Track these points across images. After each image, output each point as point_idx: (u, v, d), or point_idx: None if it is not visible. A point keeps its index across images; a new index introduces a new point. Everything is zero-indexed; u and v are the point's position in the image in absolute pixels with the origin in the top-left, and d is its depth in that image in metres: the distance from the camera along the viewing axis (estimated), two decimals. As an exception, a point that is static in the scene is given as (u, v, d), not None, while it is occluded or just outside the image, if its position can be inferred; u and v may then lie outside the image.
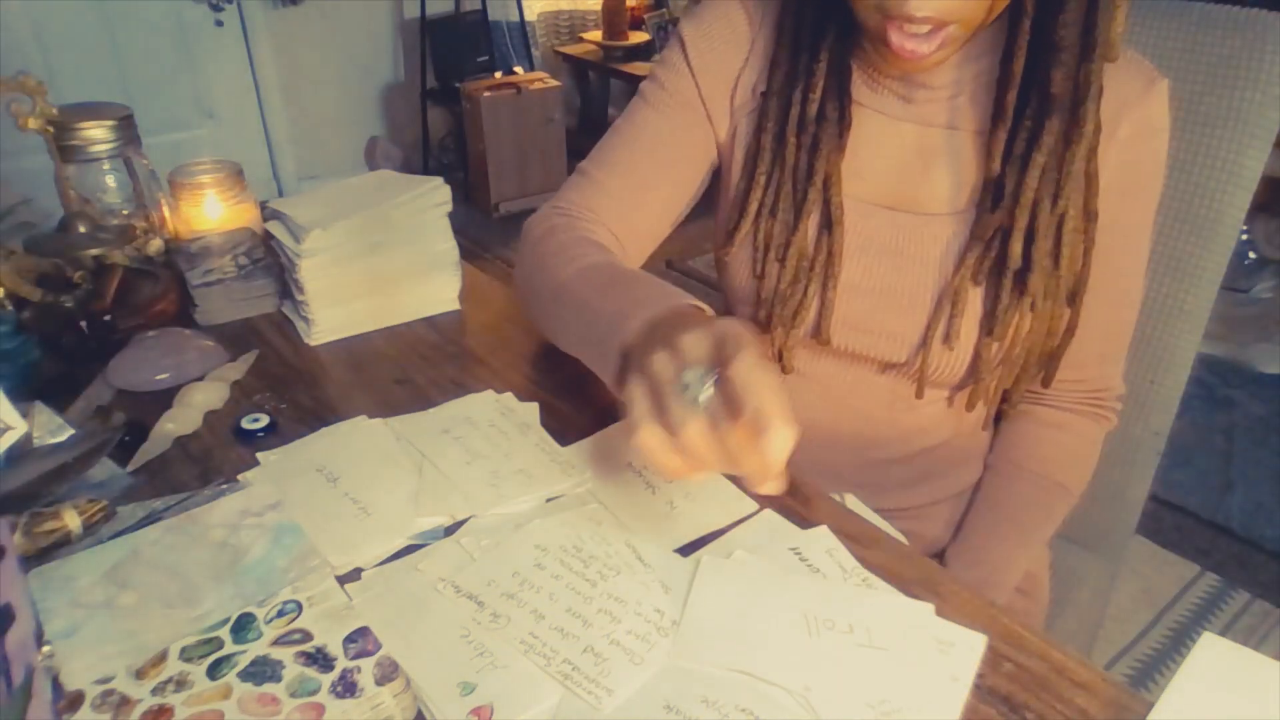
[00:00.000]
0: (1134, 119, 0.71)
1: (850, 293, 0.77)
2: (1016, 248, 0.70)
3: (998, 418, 0.88)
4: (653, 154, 0.81)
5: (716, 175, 0.85)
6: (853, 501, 0.77)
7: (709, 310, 0.60)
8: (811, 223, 0.76)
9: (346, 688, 0.51)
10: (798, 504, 0.66)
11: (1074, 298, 0.74)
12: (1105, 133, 0.69)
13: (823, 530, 0.63)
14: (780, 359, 0.81)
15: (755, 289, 0.80)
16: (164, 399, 0.77)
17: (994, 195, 0.71)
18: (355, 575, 0.60)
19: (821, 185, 0.75)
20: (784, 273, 0.77)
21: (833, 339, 0.78)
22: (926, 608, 0.56)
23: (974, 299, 0.73)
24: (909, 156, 0.75)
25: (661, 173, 0.81)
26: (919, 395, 0.79)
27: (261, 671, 0.52)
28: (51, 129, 0.95)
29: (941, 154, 0.74)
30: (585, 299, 0.68)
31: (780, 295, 0.78)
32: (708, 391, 0.50)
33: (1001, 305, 0.72)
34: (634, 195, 0.80)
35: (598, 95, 3.98)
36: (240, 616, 0.56)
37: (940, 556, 0.85)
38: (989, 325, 0.73)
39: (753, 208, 0.78)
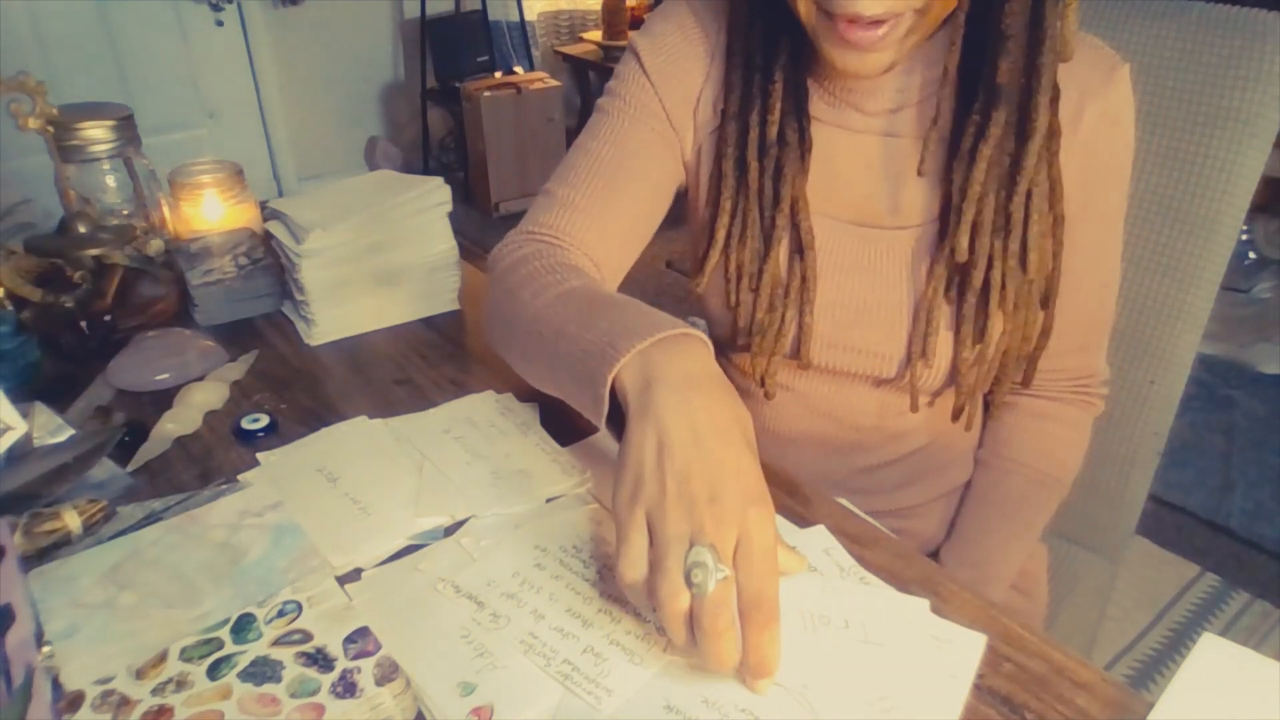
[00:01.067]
0: (1097, 109, 0.70)
1: (826, 312, 0.76)
2: (963, 241, 0.68)
3: (985, 408, 0.88)
4: (622, 166, 0.77)
5: (683, 198, 0.83)
6: (845, 504, 0.77)
7: (701, 334, 0.57)
8: (782, 249, 0.75)
9: (346, 688, 0.51)
10: (796, 504, 0.66)
11: (1046, 300, 0.73)
12: (1068, 126, 0.69)
13: (820, 530, 0.63)
14: (763, 383, 0.80)
15: (731, 317, 0.79)
16: (164, 399, 0.77)
17: (944, 195, 0.71)
18: (355, 575, 0.60)
19: (789, 210, 0.74)
20: (759, 301, 0.76)
21: (813, 360, 0.78)
22: (922, 603, 0.56)
23: (948, 310, 0.73)
24: (873, 169, 0.74)
25: (633, 185, 0.78)
26: (914, 409, 0.78)
27: (261, 672, 0.52)
28: (51, 129, 0.95)
29: (905, 164, 0.73)
30: (562, 329, 0.63)
31: (758, 324, 0.76)
32: (711, 586, 0.47)
33: (972, 310, 0.72)
34: (607, 211, 0.77)
35: (597, 95, 3.97)
36: (240, 617, 0.56)
37: (937, 555, 0.86)
38: (963, 334, 0.73)
39: (720, 235, 0.76)
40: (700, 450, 0.50)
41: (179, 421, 0.74)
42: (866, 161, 0.74)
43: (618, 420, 0.57)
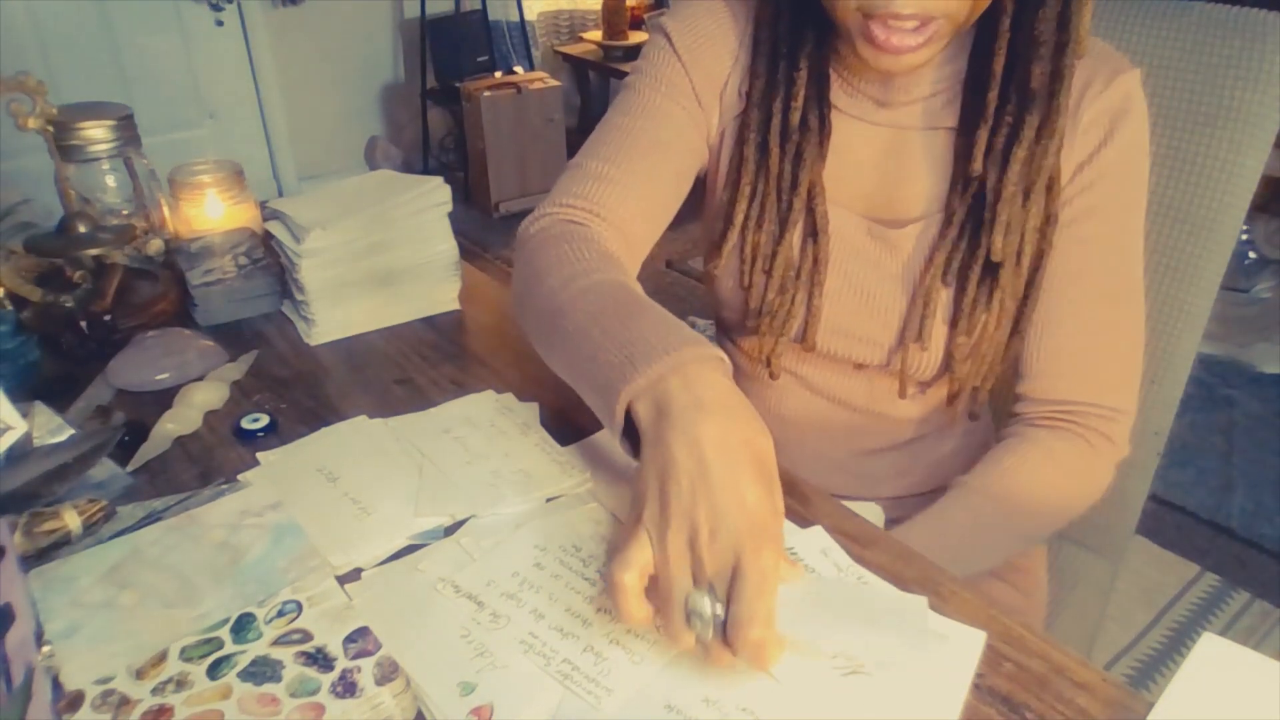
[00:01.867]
0: (1099, 109, 0.70)
1: (832, 299, 0.78)
2: (999, 241, 0.70)
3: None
4: (655, 140, 0.78)
5: (700, 183, 0.84)
6: (871, 510, 0.78)
7: (718, 353, 0.56)
8: (797, 233, 0.77)
9: (346, 688, 0.51)
10: (796, 503, 0.66)
11: (1025, 294, 0.73)
12: (1069, 126, 0.70)
13: (818, 530, 0.63)
14: (769, 364, 0.82)
15: (743, 298, 0.80)
16: (164, 399, 0.77)
17: (975, 193, 0.71)
18: (355, 575, 0.60)
19: (806, 195, 0.75)
20: (771, 283, 0.77)
21: (818, 344, 0.79)
22: (920, 600, 0.56)
23: (944, 298, 0.74)
24: (886, 160, 0.76)
25: (664, 159, 0.78)
26: (902, 395, 0.80)
27: (261, 671, 0.52)
28: (51, 129, 0.94)
29: (917, 156, 0.75)
30: (584, 329, 0.62)
31: (768, 306, 0.78)
32: (710, 635, 0.48)
33: (968, 300, 0.73)
34: (639, 184, 0.77)
35: (598, 95, 3.98)
36: (240, 616, 0.56)
37: None
38: (957, 322, 0.74)
39: (739, 218, 0.77)
40: (705, 484, 0.50)
41: (179, 421, 0.74)
42: (881, 153, 0.76)
43: (633, 433, 0.57)
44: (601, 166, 0.77)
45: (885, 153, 0.76)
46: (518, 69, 3.65)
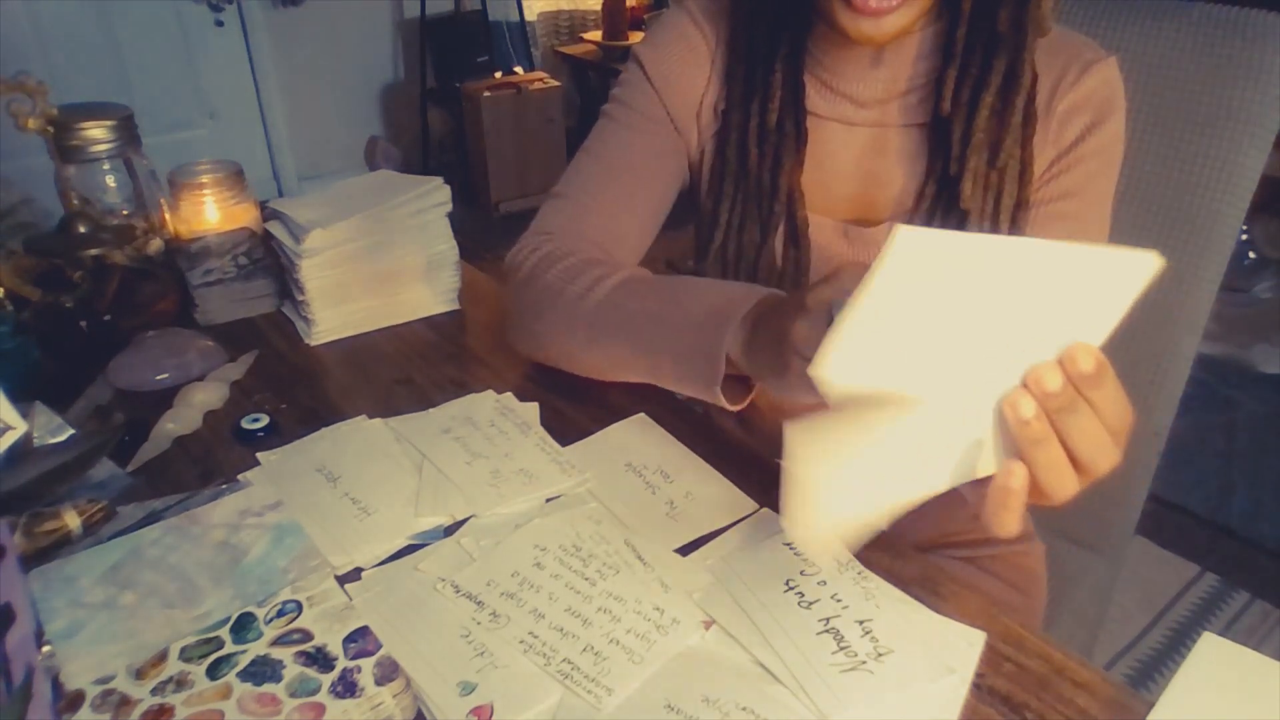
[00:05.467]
0: (1075, 98, 0.71)
1: None
2: (968, 188, 0.70)
3: None
4: (631, 169, 0.80)
5: (685, 196, 0.86)
6: None
7: (768, 290, 0.61)
8: (778, 238, 0.77)
9: (346, 688, 0.51)
10: (798, 504, 0.66)
11: None
12: (1041, 116, 0.70)
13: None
14: None
15: None
16: (164, 399, 0.77)
17: (942, 178, 0.71)
18: (355, 575, 0.60)
19: (785, 200, 0.76)
20: None
21: None
22: (921, 607, 0.56)
23: None
24: (866, 161, 0.76)
25: (641, 187, 0.81)
26: None
27: (261, 671, 0.52)
28: (51, 129, 0.94)
29: (896, 154, 0.75)
30: (646, 312, 0.66)
31: None
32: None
33: None
34: (618, 212, 0.79)
35: (598, 95, 3.98)
36: (240, 616, 0.56)
37: (928, 548, 0.85)
38: None
39: (723, 219, 0.79)
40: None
41: (179, 421, 0.74)
42: (861, 154, 0.76)
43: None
44: (579, 197, 0.80)
45: (865, 153, 0.76)
46: (518, 69, 3.65)
